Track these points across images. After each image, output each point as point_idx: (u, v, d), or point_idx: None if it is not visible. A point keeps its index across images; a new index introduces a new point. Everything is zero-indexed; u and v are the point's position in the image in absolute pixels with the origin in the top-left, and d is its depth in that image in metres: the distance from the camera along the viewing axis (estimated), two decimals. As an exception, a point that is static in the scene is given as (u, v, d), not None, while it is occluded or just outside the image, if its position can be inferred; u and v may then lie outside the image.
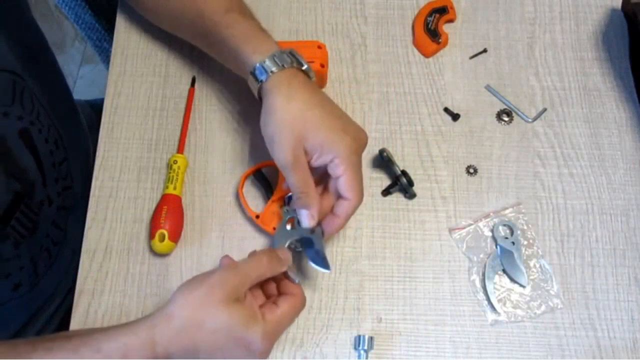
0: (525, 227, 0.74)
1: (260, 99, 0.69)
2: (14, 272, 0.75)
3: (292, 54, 0.69)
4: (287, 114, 0.65)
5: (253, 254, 0.65)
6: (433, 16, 0.82)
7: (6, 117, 0.70)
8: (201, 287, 0.61)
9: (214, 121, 0.79)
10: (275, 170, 0.74)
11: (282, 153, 0.65)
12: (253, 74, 0.68)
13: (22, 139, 0.73)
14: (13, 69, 0.72)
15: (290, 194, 0.72)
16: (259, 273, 0.63)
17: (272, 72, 0.67)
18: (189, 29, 0.77)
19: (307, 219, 0.67)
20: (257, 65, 0.67)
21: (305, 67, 0.69)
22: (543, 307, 0.70)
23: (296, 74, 0.68)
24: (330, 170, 0.66)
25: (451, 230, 0.74)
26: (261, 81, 0.67)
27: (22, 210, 0.73)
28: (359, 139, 0.67)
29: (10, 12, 0.73)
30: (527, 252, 0.73)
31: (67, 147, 0.84)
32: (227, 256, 0.65)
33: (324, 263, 0.66)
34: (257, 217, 0.73)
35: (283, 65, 0.67)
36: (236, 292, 0.61)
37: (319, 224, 0.68)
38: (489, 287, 0.71)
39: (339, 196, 0.67)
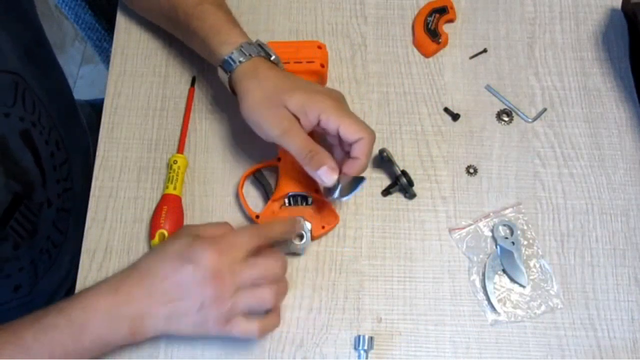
0: (525, 227, 0.74)
1: (233, 91, 0.71)
2: (13, 273, 0.75)
3: (260, 45, 0.70)
4: (260, 91, 0.67)
5: None
6: (433, 16, 0.82)
7: (7, 117, 0.70)
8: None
9: (214, 121, 0.79)
10: (275, 170, 0.74)
11: (271, 126, 0.66)
12: (222, 66, 0.70)
13: (23, 140, 0.73)
14: (15, 70, 0.72)
15: (290, 193, 0.72)
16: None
17: (239, 62, 0.68)
18: (166, 20, 0.78)
19: (327, 175, 0.65)
20: (225, 57, 0.69)
21: (273, 57, 0.70)
22: (543, 307, 0.70)
23: (263, 61, 0.69)
24: (326, 128, 0.66)
25: (451, 230, 0.74)
26: (230, 72, 0.69)
27: (21, 211, 0.73)
28: (335, 96, 0.68)
29: (13, 12, 0.73)
30: (527, 252, 0.73)
31: (68, 149, 0.84)
32: None
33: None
34: (257, 217, 0.73)
35: (250, 55, 0.69)
36: (194, 231, 0.64)
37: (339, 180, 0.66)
38: (489, 287, 0.71)
39: (347, 154, 0.67)
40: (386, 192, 0.75)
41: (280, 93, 0.66)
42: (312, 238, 0.72)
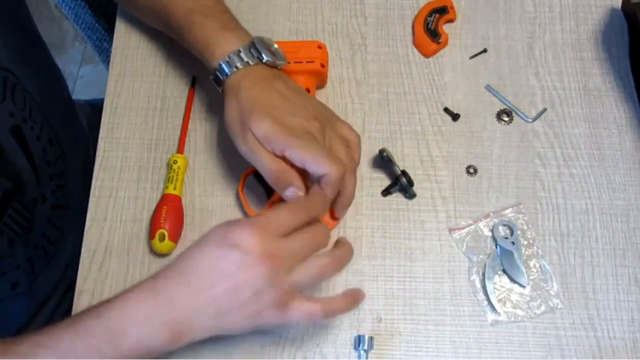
0: (525, 227, 0.74)
1: None
2: (10, 270, 0.75)
3: (253, 48, 0.68)
4: (235, 112, 0.66)
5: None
6: (433, 16, 0.82)
7: None
8: None
9: (214, 121, 0.79)
10: (275, 170, 0.74)
11: (239, 144, 0.66)
12: (214, 80, 0.70)
13: (13, 136, 0.73)
14: (4, 66, 0.72)
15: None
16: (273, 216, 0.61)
17: (226, 76, 0.68)
18: (163, 27, 0.78)
19: (294, 196, 0.65)
20: (214, 72, 0.69)
21: (265, 59, 0.68)
22: (543, 307, 0.70)
23: (248, 72, 0.68)
24: (292, 161, 0.65)
25: (451, 230, 0.74)
26: (221, 87, 0.69)
27: (14, 207, 0.73)
28: (311, 124, 0.66)
29: (5, 16, 0.73)
30: (527, 252, 0.73)
31: (63, 146, 0.84)
32: None
33: None
34: (257, 217, 0.73)
35: (236, 67, 0.67)
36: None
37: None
38: (489, 287, 0.71)
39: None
40: (386, 192, 0.75)
41: (249, 118, 0.65)
42: (312, 238, 0.72)
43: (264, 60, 0.68)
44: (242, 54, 0.68)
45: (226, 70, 0.68)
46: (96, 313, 0.56)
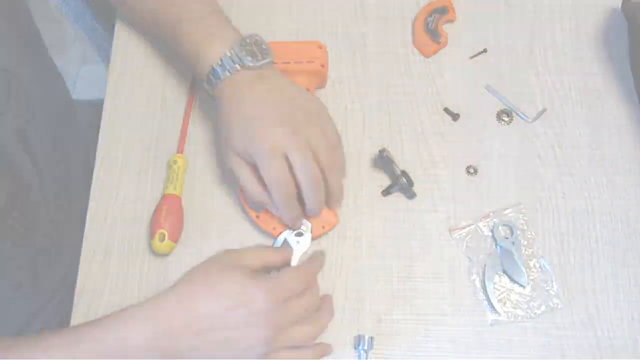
0: (525, 227, 0.74)
1: None
2: (12, 271, 0.75)
3: (235, 56, 0.68)
4: (221, 126, 0.70)
5: None
6: (433, 16, 0.82)
7: (2, 116, 0.70)
8: (205, 261, 0.64)
9: (214, 121, 0.79)
10: (275, 170, 0.74)
11: (224, 161, 0.70)
12: (206, 92, 0.72)
13: (17, 139, 0.73)
14: (8, 68, 0.72)
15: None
16: (261, 253, 0.66)
17: (214, 87, 0.70)
18: (156, 35, 0.79)
19: (273, 211, 0.71)
20: (204, 84, 0.71)
21: (247, 65, 0.68)
22: (543, 307, 0.70)
23: (232, 80, 0.69)
24: None
25: (451, 230, 0.74)
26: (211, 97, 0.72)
27: (18, 209, 0.73)
28: (274, 132, 0.67)
29: (3, 7, 0.73)
30: (527, 252, 0.73)
31: (65, 148, 0.84)
32: None
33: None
34: (257, 217, 0.73)
35: (221, 77, 0.69)
36: (238, 261, 0.64)
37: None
38: (489, 287, 0.71)
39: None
40: (386, 192, 0.75)
41: (229, 136, 0.68)
42: (312, 238, 0.72)
43: (246, 65, 0.69)
44: (225, 62, 0.68)
45: (213, 81, 0.69)
46: (94, 339, 0.59)
